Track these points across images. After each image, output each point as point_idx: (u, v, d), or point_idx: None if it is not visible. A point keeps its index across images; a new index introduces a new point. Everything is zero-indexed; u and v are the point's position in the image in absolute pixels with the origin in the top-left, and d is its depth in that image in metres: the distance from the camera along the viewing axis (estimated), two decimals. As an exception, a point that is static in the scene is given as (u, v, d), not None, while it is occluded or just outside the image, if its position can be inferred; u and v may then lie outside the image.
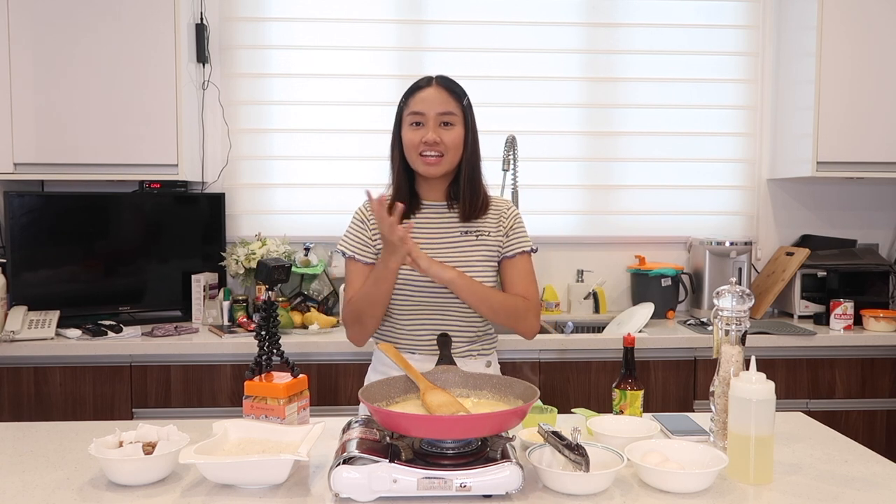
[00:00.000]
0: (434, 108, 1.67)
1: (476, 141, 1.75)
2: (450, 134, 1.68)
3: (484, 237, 1.76)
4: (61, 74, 2.75)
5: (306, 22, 3.17)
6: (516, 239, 1.78)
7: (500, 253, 1.77)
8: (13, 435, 1.60)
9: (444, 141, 1.67)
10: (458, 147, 1.70)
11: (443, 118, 1.67)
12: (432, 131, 1.66)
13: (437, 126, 1.67)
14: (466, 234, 1.75)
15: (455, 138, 1.68)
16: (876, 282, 3.04)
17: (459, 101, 1.70)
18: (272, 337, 1.56)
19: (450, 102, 1.68)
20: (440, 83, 1.70)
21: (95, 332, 2.61)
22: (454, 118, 1.68)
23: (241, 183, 3.19)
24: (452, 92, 1.70)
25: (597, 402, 2.65)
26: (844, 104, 2.94)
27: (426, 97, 1.68)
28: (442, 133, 1.67)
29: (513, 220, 1.79)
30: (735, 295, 1.46)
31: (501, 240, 1.77)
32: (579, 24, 3.24)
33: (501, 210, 1.80)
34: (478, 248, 1.75)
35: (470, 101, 1.75)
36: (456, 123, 1.69)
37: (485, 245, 1.76)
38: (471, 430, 1.26)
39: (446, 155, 1.68)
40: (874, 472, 1.40)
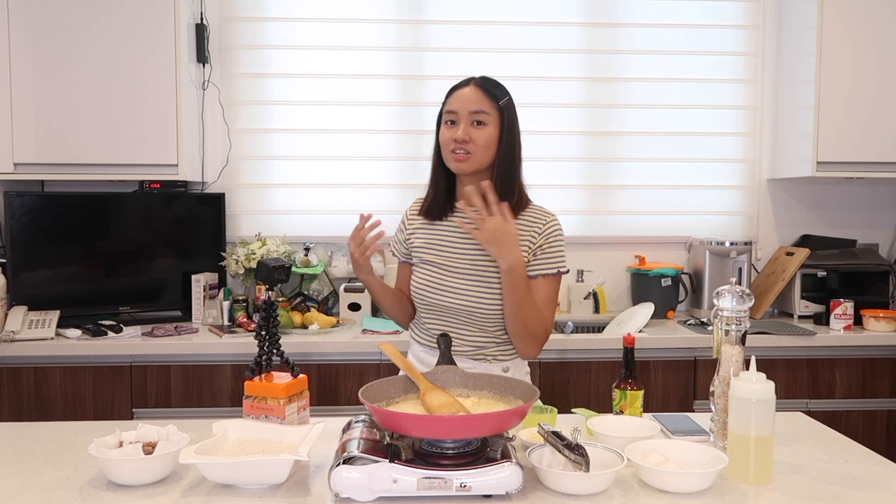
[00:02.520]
0: (467, 106, 1.67)
1: (513, 142, 1.70)
2: (480, 133, 1.66)
3: None
4: (61, 74, 2.75)
5: (306, 22, 3.17)
6: (543, 259, 1.69)
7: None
8: (13, 435, 1.60)
9: (473, 139, 1.66)
10: (489, 146, 1.67)
11: (475, 117, 1.66)
12: (462, 129, 1.66)
13: (468, 124, 1.66)
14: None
15: (485, 137, 1.66)
16: (876, 282, 3.04)
17: (495, 102, 1.68)
18: (272, 337, 1.56)
19: (483, 102, 1.67)
20: (477, 83, 1.70)
21: (95, 332, 2.61)
22: (487, 117, 1.67)
23: (241, 183, 3.19)
24: (488, 92, 1.68)
25: (597, 402, 2.65)
26: (844, 104, 2.94)
27: (461, 96, 1.68)
28: (472, 131, 1.66)
29: (546, 237, 1.69)
30: (735, 295, 1.46)
31: (528, 254, 1.69)
32: (579, 24, 3.24)
33: (539, 223, 1.71)
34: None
35: (512, 103, 1.71)
36: (488, 123, 1.67)
37: None
38: (471, 430, 1.26)
39: (475, 153, 1.67)
40: (874, 472, 1.39)
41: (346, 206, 3.19)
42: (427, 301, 1.75)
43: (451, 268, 1.73)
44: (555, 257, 1.70)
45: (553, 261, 1.69)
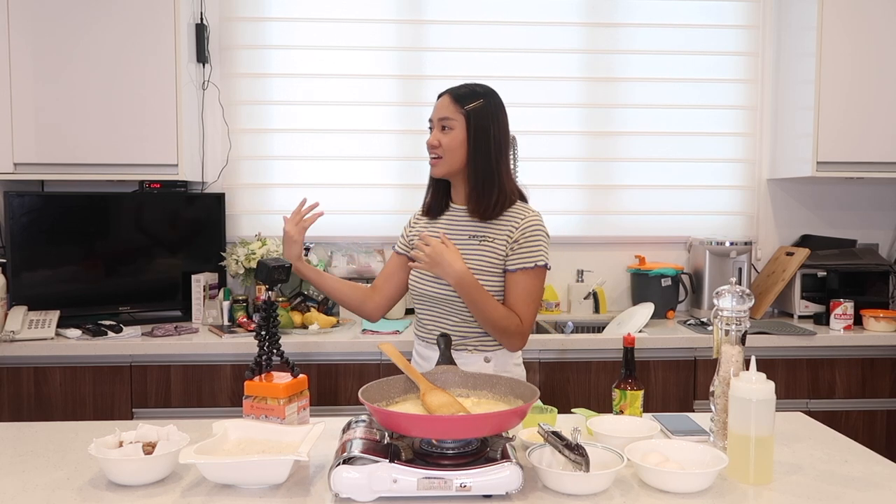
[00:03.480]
0: (437, 114, 1.81)
1: (486, 143, 1.76)
2: (447, 137, 1.77)
3: (489, 243, 1.78)
4: (61, 74, 2.75)
5: (306, 22, 3.17)
6: (521, 253, 1.75)
7: (504, 263, 1.77)
8: (13, 435, 1.60)
9: (442, 144, 1.78)
10: (456, 149, 1.77)
11: (442, 123, 1.79)
12: (432, 135, 1.81)
13: (438, 130, 1.80)
14: (472, 238, 1.80)
15: (451, 141, 1.77)
16: (876, 282, 3.04)
17: (461, 107, 1.77)
18: (272, 337, 1.56)
19: (449, 108, 1.78)
20: (449, 92, 1.81)
21: (95, 332, 2.61)
22: (453, 122, 1.77)
23: (241, 183, 3.19)
24: (455, 99, 1.78)
25: (597, 402, 2.65)
26: (844, 104, 2.93)
27: (436, 106, 1.82)
28: (441, 136, 1.78)
29: (523, 232, 1.76)
30: (735, 295, 1.46)
31: (507, 249, 1.76)
32: (579, 24, 3.24)
33: (517, 219, 1.78)
34: (480, 253, 1.78)
35: (484, 107, 1.78)
36: (454, 128, 1.77)
37: (489, 251, 1.77)
38: (471, 430, 1.26)
39: (444, 157, 1.78)
40: (874, 472, 1.40)
41: (346, 206, 3.20)
42: (418, 291, 1.85)
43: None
44: (533, 252, 1.76)
45: (531, 255, 1.76)
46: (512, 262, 1.76)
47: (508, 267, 1.76)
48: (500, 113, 1.81)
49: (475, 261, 1.76)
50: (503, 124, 1.82)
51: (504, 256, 1.76)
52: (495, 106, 1.80)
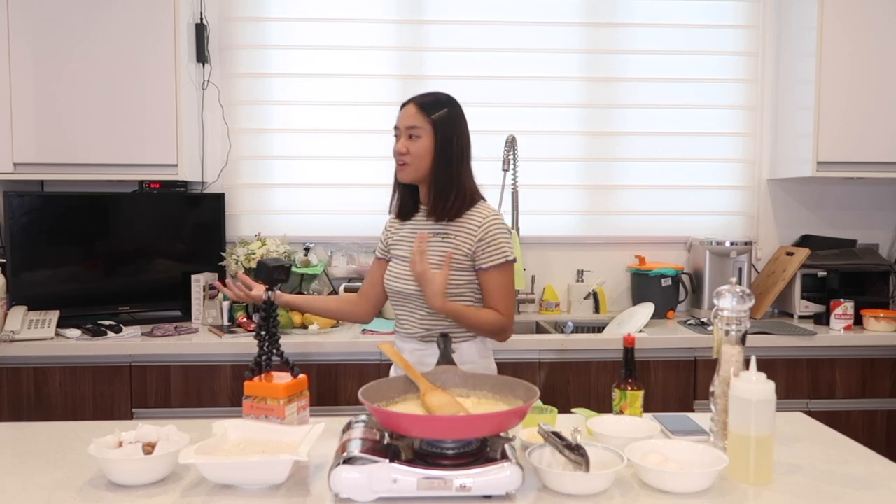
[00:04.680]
0: (404, 122, 1.89)
1: (449, 151, 1.87)
2: (415, 145, 1.86)
3: (451, 240, 1.88)
4: (61, 74, 2.75)
5: (306, 22, 3.17)
6: (488, 251, 1.86)
7: (472, 260, 1.87)
8: (13, 435, 1.60)
9: (410, 151, 1.87)
10: (424, 156, 1.86)
11: (410, 131, 1.88)
12: (401, 142, 1.89)
13: (406, 138, 1.88)
14: (436, 235, 1.90)
15: (419, 148, 1.86)
16: (876, 282, 3.04)
17: (428, 116, 1.86)
18: (272, 337, 1.56)
19: (417, 117, 1.87)
20: (415, 101, 1.90)
21: (95, 332, 2.61)
22: (420, 131, 1.86)
23: (241, 183, 3.19)
24: (422, 108, 1.88)
25: (597, 402, 2.65)
26: (844, 104, 2.93)
27: (402, 114, 1.91)
28: (409, 144, 1.87)
29: (486, 230, 1.86)
30: (735, 295, 1.46)
31: (472, 248, 1.86)
32: (579, 24, 3.24)
33: (479, 219, 1.88)
34: (444, 249, 1.87)
35: (449, 116, 1.88)
36: (422, 136, 1.86)
37: (452, 247, 1.87)
38: (471, 430, 1.26)
39: (412, 163, 1.87)
40: (874, 472, 1.40)
41: (346, 206, 3.20)
42: (391, 289, 1.96)
43: (405, 257, 1.92)
44: (500, 249, 1.87)
45: (499, 252, 1.87)
46: (483, 260, 1.87)
47: (481, 266, 1.87)
48: (463, 120, 1.92)
49: (439, 256, 1.86)
50: (465, 131, 1.92)
51: (468, 253, 1.86)
52: (458, 114, 1.91)
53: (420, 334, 1.92)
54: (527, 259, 3.21)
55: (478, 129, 3.15)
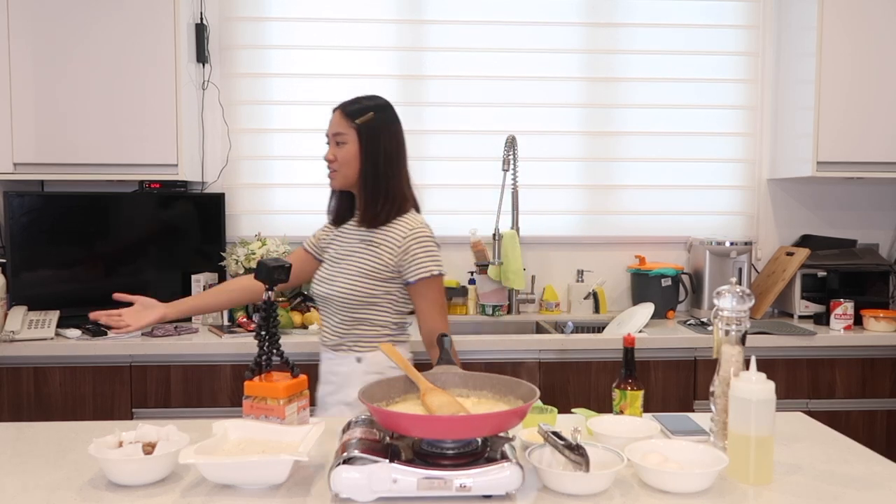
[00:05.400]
0: (331, 129, 1.91)
1: (376, 156, 1.86)
2: (341, 151, 1.88)
3: (374, 248, 1.87)
4: (61, 74, 2.75)
5: (306, 22, 3.17)
6: (413, 266, 1.85)
7: (393, 272, 1.87)
8: (13, 435, 1.60)
9: (337, 158, 1.88)
10: (350, 162, 1.87)
11: (336, 138, 1.89)
12: (329, 150, 1.91)
13: (333, 145, 1.90)
14: (361, 242, 1.90)
15: (345, 155, 1.87)
16: (876, 282, 3.04)
17: (351, 121, 1.86)
18: (272, 337, 1.56)
19: (342, 124, 1.88)
20: (341, 108, 1.90)
21: (95, 332, 2.61)
22: (346, 137, 1.87)
23: (241, 183, 3.20)
24: (346, 115, 1.87)
25: (597, 402, 2.65)
26: (844, 104, 2.94)
27: (330, 121, 1.92)
28: (336, 151, 1.89)
29: (411, 242, 1.85)
30: (735, 295, 1.46)
31: (394, 260, 1.86)
32: (579, 24, 3.24)
33: (405, 230, 1.86)
34: (366, 258, 1.88)
35: (375, 121, 1.87)
36: (348, 142, 1.87)
37: (374, 256, 1.87)
38: (471, 430, 1.26)
39: (339, 170, 1.89)
40: (874, 472, 1.40)
41: (346, 206, 3.19)
42: (313, 292, 1.98)
43: (330, 260, 1.95)
44: (427, 261, 1.86)
45: (426, 265, 1.85)
46: (408, 274, 1.86)
47: (409, 279, 1.86)
48: (391, 125, 1.90)
49: (361, 265, 1.87)
50: (395, 136, 1.90)
51: (388, 265, 1.85)
52: (386, 119, 1.89)
53: (332, 343, 1.94)
54: (527, 259, 3.22)
55: (478, 129, 3.22)
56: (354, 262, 1.88)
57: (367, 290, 1.86)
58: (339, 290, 1.87)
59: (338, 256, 1.93)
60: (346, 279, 1.87)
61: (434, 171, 3.24)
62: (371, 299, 1.87)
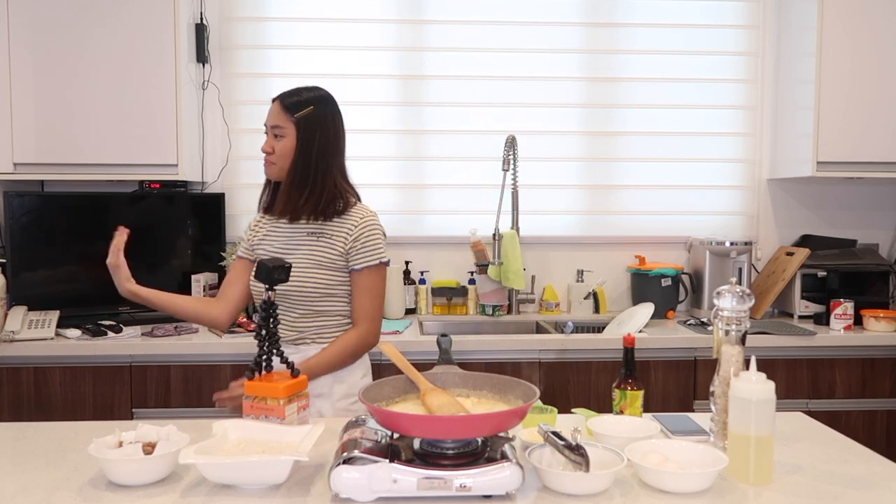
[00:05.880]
0: (270, 121, 1.88)
1: (308, 149, 1.84)
2: (279, 143, 1.86)
3: (326, 239, 1.86)
4: (61, 74, 2.75)
5: (306, 22, 3.17)
6: (363, 251, 1.86)
7: (346, 260, 1.86)
8: (13, 435, 1.60)
9: (275, 150, 1.86)
10: (287, 155, 1.85)
11: (274, 131, 1.86)
12: (267, 142, 1.88)
13: (271, 137, 1.87)
14: (310, 234, 1.88)
15: (283, 148, 1.85)
16: (876, 282, 3.04)
17: (290, 115, 1.84)
18: (272, 337, 1.56)
19: (280, 117, 1.85)
20: (280, 99, 1.87)
21: (95, 332, 2.61)
22: (284, 130, 1.85)
23: (241, 183, 3.20)
24: (286, 107, 1.85)
25: (597, 402, 2.65)
26: (844, 104, 2.94)
27: (269, 112, 1.89)
28: (274, 143, 1.86)
29: (361, 230, 1.86)
30: (735, 295, 1.46)
31: (346, 247, 1.85)
32: (579, 24, 3.24)
33: (357, 219, 1.87)
34: (320, 249, 1.86)
35: (314, 115, 1.84)
36: (286, 135, 1.85)
37: (328, 247, 1.86)
38: (471, 430, 1.26)
39: (277, 162, 1.86)
40: (874, 472, 1.40)
41: (346, 206, 3.19)
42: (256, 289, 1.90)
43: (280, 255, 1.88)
44: (374, 250, 1.87)
45: (373, 253, 1.87)
46: (357, 261, 1.86)
47: (354, 266, 1.86)
48: (331, 119, 1.88)
49: (314, 257, 1.85)
50: (332, 131, 1.88)
51: (342, 253, 1.85)
52: (326, 113, 1.87)
53: (292, 337, 1.90)
54: (527, 259, 3.22)
55: (478, 129, 3.21)
56: (307, 255, 1.85)
57: (324, 282, 1.85)
58: (298, 285, 1.84)
59: (284, 250, 1.89)
60: (303, 273, 1.84)
61: (434, 171, 3.24)
62: (329, 290, 1.85)
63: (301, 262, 1.85)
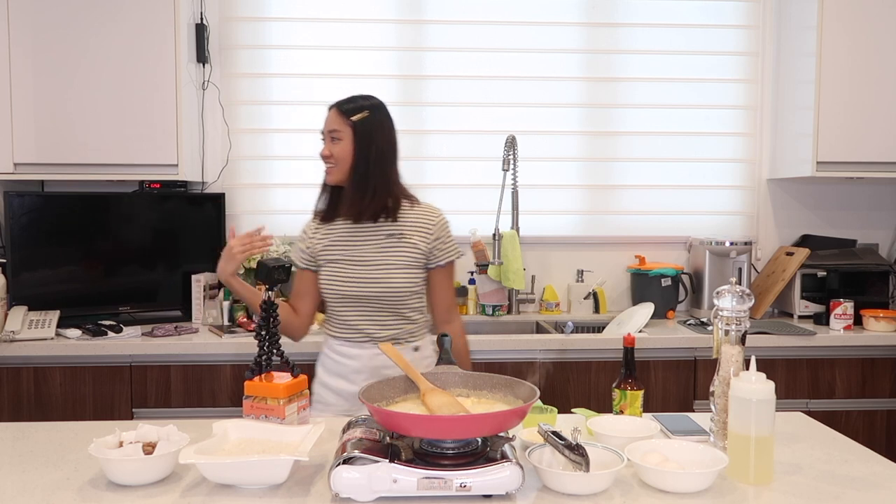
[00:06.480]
0: (327, 126, 1.94)
1: (366, 152, 1.88)
2: (337, 147, 1.90)
3: (407, 240, 1.91)
4: (61, 74, 2.75)
5: (306, 22, 3.17)
6: (444, 249, 1.94)
7: (427, 258, 1.92)
8: (13, 435, 1.60)
9: (333, 154, 1.91)
10: (346, 158, 1.90)
11: (331, 135, 1.92)
12: (325, 146, 1.94)
13: (329, 142, 1.93)
14: (389, 236, 1.92)
15: (341, 151, 1.90)
16: (876, 282, 3.04)
17: (346, 119, 1.89)
18: (272, 337, 1.56)
19: (337, 121, 1.91)
20: (336, 105, 1.94)
21: (95, 332, 2.61)
22: (341, 134, 1.90)
23: (241, 183, 3.20)
24: (342, 112, 1.91)
25: (597, 402, 2.65)
26: (844, 104, 2.94)
27: (326, 118, 1.95)
28: (332, 147, 1.91)
29: (440, 228, 1.94)
30: (735, 295, 1.46)
31: (428, 246, 1.92)
32: (579, 24, 3.24)
33: (433, 217, 1.95)
34: (400, 250, 1.90)
35: (369, 119, 1.89)
36: (343, 139, 1.90)
37: (410, 247, 1.91)
38: (471, 430, 1.26)
39: (337, 165, 1.91)
40: (874, 472, 1.40)
41: (346, 206, 3.19)
42: (340, 294, 1.92)
43: (356, 260, 1.91)
44: (453, 245, 1.97)
45: (453, 249, 1.97)
46: (440, 257, 1.94)
47: (440, 263, 1.94)
48: (386, 124, 1.93)
49: (396, 258, 1.89)
50: (388, 135, 1.94)
51: (424, 253, 1.91)
52: (380, 118, 1.93)
53: (384, 337, 1.91)
54: (527, 259, 3.22)
55: (478, 129, 3.22)
56: (391, 257, 1.90)
57: (412, 280, 1.90)
58: (388, 288, 1.88)
59: (364, 255, 1.90)
60: (391, 274, 1.88)
61: (434, 171, 3.24)
62: (416, 288, 1.92)
63: (388, 265, 1.89)
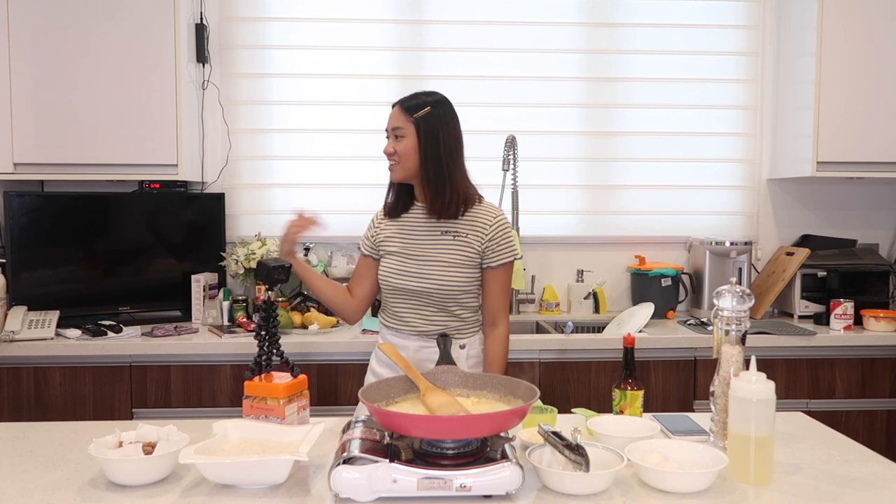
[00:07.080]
0: (390, 124, 1.94)
1: (436, 148, 1.89)
2: (400, 144, 1.91)
3: (462, 238, 1.92)
4: (61, 74, 2.75)
5: (306, 22, 3.17)
6: (499, 250, 1.92)
7: (481, 258, 1.92)
8: (13, 435, 1.60)
9: (397, 151, 1.91)
10: (410, 155, 1.90)
11: (395, 132, 1.92)
12: (389, 143, 1.94)
13: (392, 139, 1.93)
14: (445, 234, 1.93)
15: (405, 148, 1.90)
16: (876, 282, 3.04)
17: (410, 116, 1.90)
18: (272, 337, 1.56)
19: (400, 118, 1.91)
20: (399, 103, 1.94)
21: (95, 332, 2.61)
22: (404, 131, 1.90)
23: (241, 183, 3.20)
24: (404, 109, 1.92)
25: (597, 402, 2.65)
26: (844, 104, 2.94)
27: (389, 116, 1.96)
28: (396, 144, 1.92)
29: (496, 229, 1.92)
30: (735, 295, 1.46)
31: (482, 246, 1.91)
32: (579, 24, 3.24)
33: (490, 217, 1.93)
34: (455, 248, 1.91)
35: (433, 115, 1.90)
36: (406, 135, 1.90)
37: (465, 246, 1.91)
38: (471, 430, 1.26)
39: (401, 162, 1.92)
40: (874, 472, 1.40)
41: (346, 206, 3.19)
42: (393, 286, 1.96)
43: (412, 255, 1.94)
44: (510, 247, 1.94)
45: (509, 250, 1.94)
46: (493, 259, 1.92)
47: (491, 264, 1.92)
48: (450, 119, 1.93)
49: (450, 256, 1.91)
50: (453, 130, 1.94)
51: (478, 252, 1.91)
52: (444, 113, 1.93)
53: (432, 332, 1.94)
54: (527, 259, 3.22)
55: (478, 129, 3.22)
56: (445, 254, 1.91)
57: (464, 279, 1.91)
58: (437, 284, 1.90)
59: (419, 250, 1.93)
60: (443, 271, 1.90)
61: (434, 171, 3.23)
62: (468, 286, 1.92)
63: (441, 261, 1.91)
